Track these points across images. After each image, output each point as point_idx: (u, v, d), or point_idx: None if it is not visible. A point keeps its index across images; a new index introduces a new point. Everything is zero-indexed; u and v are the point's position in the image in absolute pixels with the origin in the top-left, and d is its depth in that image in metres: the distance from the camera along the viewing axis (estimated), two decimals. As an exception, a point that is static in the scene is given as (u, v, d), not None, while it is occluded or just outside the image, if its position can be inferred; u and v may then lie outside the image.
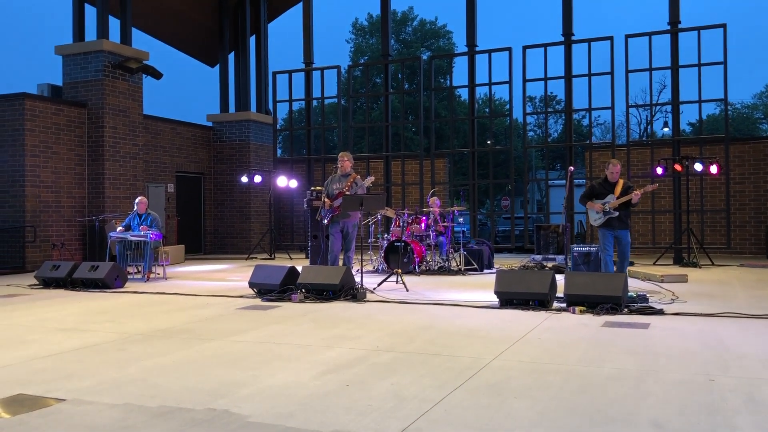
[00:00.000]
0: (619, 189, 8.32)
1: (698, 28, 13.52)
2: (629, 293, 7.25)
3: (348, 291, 8.06)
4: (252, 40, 19.22)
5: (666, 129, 30.06)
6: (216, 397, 3.85)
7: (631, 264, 12.45)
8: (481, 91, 45.44)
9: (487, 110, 24.05)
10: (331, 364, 4.67)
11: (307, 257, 14.99)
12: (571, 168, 8.81)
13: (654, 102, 28.60)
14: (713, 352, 4.93)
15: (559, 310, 6.94)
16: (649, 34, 13.82)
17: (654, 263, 12.92)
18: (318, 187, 12.54)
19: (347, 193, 9.22)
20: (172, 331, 6.13)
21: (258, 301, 8.01)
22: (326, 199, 9.52)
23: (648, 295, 7.62)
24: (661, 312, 6.71)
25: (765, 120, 47.00)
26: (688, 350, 4.99)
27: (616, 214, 8.30)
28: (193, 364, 4.80)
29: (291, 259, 15.19)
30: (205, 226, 18.36)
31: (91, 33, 14.81)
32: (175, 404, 3.73)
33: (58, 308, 7.82)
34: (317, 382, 4.21)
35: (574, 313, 6.75)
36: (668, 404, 3.61)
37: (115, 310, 7.62)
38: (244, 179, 16.65)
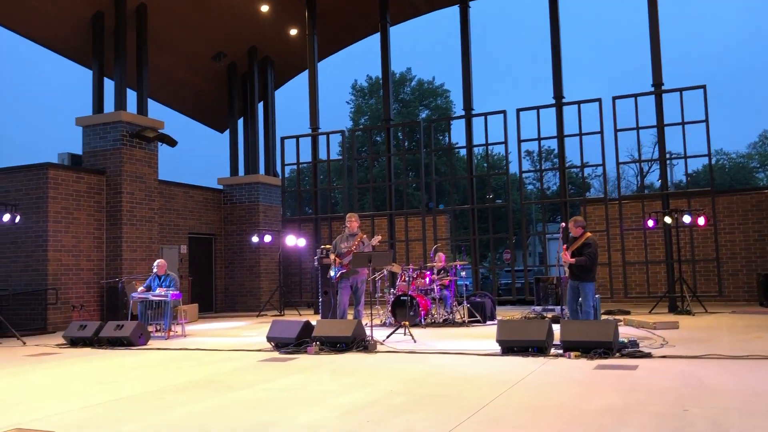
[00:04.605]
0: (576, 245, 9.00)
1: (680, 90, 14.37)
2: (621, 339, 7.84)
3: (360, 343, 8.65)
4: (260, 106, 20.23)
5: (660, 180, 30.96)
6: (254, 434, 4.44)
7: (628, 313, 13.05)
8: (479, 148, 46.61)
9: (485, 165, 24.98)
10: (351, 406, 5.26)
11: (316, 313, 15.57)
12: (563, 224, 9.51)
13: (644, 158, 29.95)
14: (690, 388, 5.52)
15: (556, 355, 7.52)
16: (635, 96, 14.70)
17: (650, 312, 13.47)
18: (327, 246, 13.21)
19: (355, 251, 9.90)
20: (203, 382, 6.71)
21: (276, 354, 8.59)
22: (336, 257, 10.20)
23: (639, 341, 8.20)
24: (649, 355, 7.30)
25: (761, 168, 47.91)
26: (668, 387, 5.58)
27: (567, 267, 9.03)
28: (228, 408, 5.39)
29: (300, 315, 15.74)
30: (216, 285, 18.98)
31: (109, 105, 15.76)
32: (220, 440, 4.33)
33: (91, 365, 8.40)
34: (340, 420, 4.80)
35: (569, 358, 7.33)
36: (645, 430, 4.20)
37: (145, 365, 8.21)
38: (255, 239, 17.34)
